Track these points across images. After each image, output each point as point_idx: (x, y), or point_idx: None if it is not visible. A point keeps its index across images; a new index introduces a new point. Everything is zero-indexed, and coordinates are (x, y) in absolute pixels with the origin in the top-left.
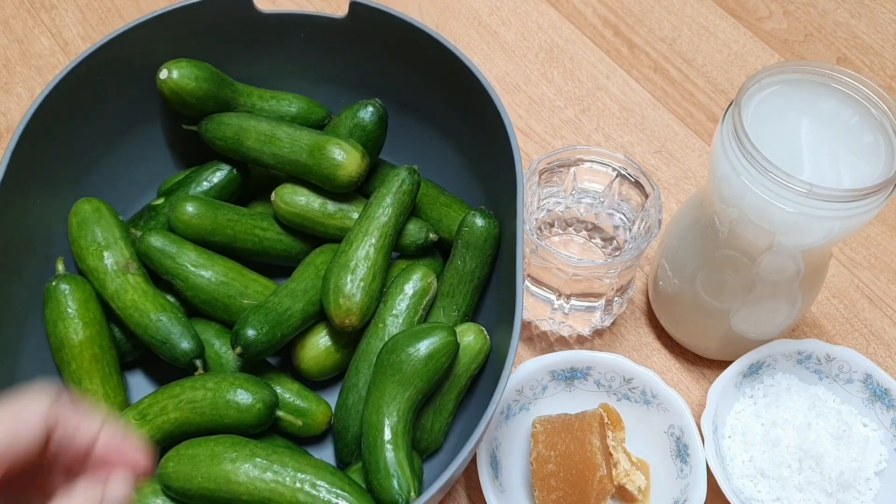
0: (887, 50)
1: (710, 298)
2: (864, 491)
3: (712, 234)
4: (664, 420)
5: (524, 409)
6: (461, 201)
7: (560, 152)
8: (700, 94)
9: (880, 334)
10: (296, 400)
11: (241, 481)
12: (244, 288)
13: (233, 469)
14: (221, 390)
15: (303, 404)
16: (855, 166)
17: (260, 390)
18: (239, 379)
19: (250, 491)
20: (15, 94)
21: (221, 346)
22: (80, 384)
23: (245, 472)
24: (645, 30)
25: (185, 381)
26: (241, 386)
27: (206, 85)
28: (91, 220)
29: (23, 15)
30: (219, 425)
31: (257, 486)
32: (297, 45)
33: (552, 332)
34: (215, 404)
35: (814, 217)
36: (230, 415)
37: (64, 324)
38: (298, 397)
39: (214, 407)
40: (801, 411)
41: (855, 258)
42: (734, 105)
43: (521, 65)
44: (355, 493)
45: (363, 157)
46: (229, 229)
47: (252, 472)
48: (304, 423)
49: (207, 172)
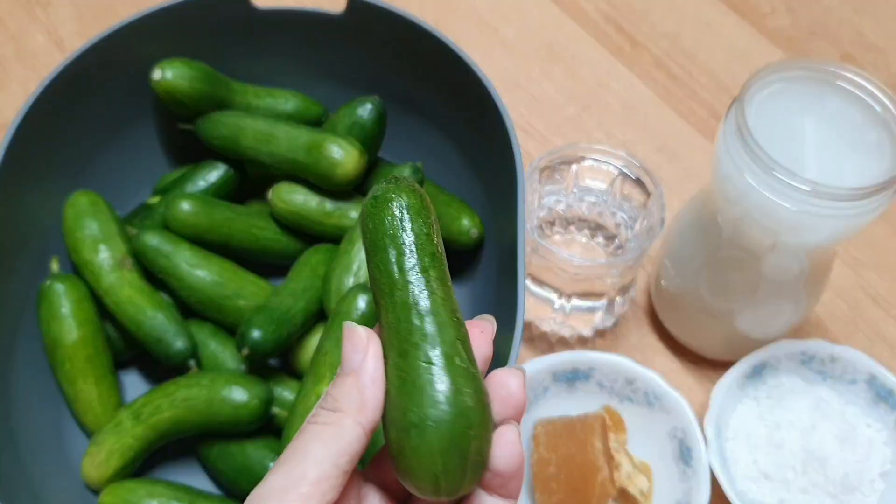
0: (892, 47)
1: (714, 298)
2: (868, 493)
3: (715, 233)
4: (667, 422)
5: (525, 411)
6: (461, 200)
7: (561, 150)
8: (703, 92)
9: (885, 335)
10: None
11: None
12: (240, 288)
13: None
14: (216, 387)
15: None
16: (859, 164)
17: (255, 387)
18: (234, 376)
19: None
20: (9, 91)
21: (216, 347)
22: (73, 384)
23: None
24: (647, 26)
25: (179, 380)
26: (236, 383)
27: (200, 84)
28: (87, 213)
29: (18, 11)
30: (214, 423)
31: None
32: (294, 41)
33: (553, 333)
34: (210, 402)
35: (818, 216)
36: (225, 412)
37: (58, 324)
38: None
39: (209, 404)
40: (805, 413)
41: (859, 258)
42: (737, 102)
43: (521, 62)
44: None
45: (361, 155)
46: (225, 228)
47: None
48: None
49: (204, 171)
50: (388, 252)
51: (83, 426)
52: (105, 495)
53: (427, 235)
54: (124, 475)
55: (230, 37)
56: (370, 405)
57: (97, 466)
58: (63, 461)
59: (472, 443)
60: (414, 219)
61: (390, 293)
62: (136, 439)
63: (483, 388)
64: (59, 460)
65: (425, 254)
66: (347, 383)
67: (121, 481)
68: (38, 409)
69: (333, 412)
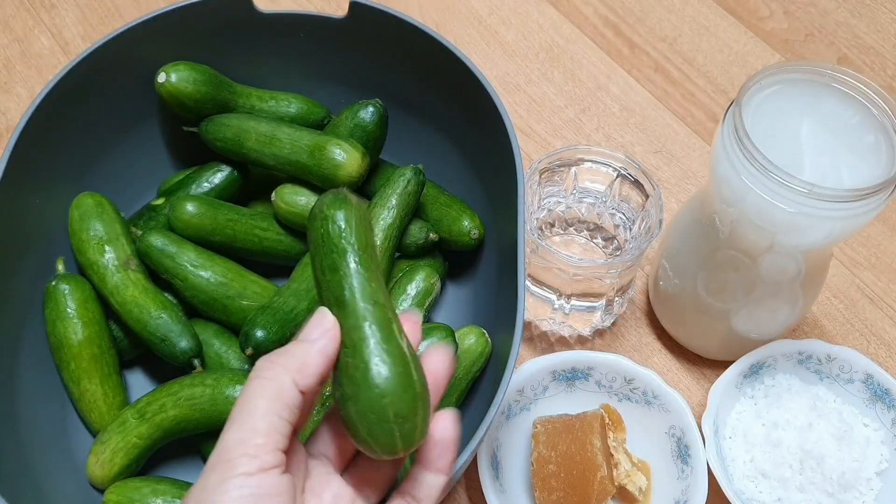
0: (888, 50)
1: (711, 298)
2: (865, 491)
3: (713, 234)
4: (665, 421)
5: (525, 410)
6: (461, 201)
7: (561, 152)
8: (701, 94)
9: (881, 334)
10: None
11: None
12: (243, 289)
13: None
14: (220, 386)
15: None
16: (855, 166)
17: None
18: (238, 375)
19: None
20: (14, 94)
21: (220, 347)
22: (79, 384)
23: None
24: (645, 29)
25: (183, 379)
26: (240, 382)
27: (204, 87)
28: (93, 214)
29: (23, 14)
30: (218, 422)
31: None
32: (296, 44)
33: (552, 333)
34: (214, 400)
35: (814, 217)
36: (229, 411)
37: (63, 323)
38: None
39: (213, 403)
40: (802, 412)
41: (856, 258)
42: (735, 105)
43: (521, 64)
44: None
45: (364, 157)
46: (229, 229)
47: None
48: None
49: (208, 173)
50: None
51: (88, 425)
52: (110, 493)
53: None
54: (129, 473)
55: (234, 40)
56: (310, 371)
57: (102, 465)
58: (68, 460)
59: (417, 406)
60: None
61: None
62: (140, 438)
63: (418, 363)
64: (63, 459)
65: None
66: (299, 348)
67: (125, 479)
68: (44, 408)
69: (275, 366)
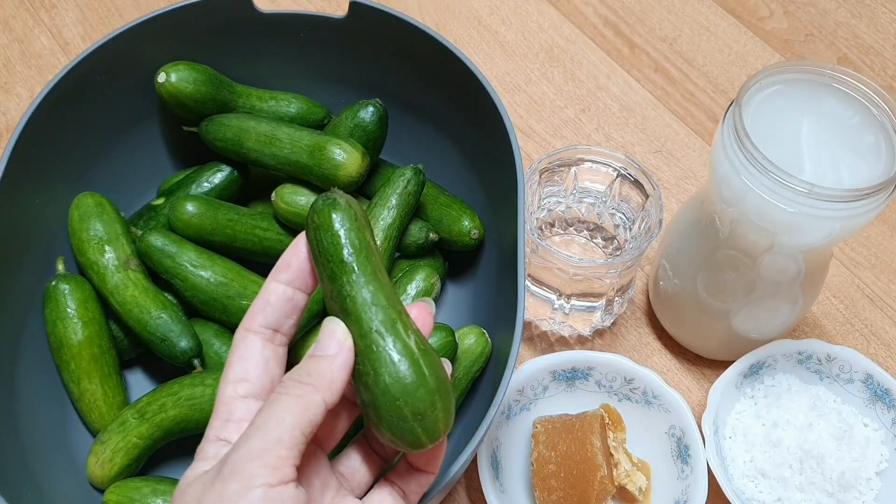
0: (888, 50)
1: (711, 298)
2: (864, 491)
3: (713, 234)
4: (665, 420)
5: (525, 410)
6: (461, 201)
7: (561, 152)
8: (700, 94)
9: (881, 334)
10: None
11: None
12: (243, 289)
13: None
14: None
15: None
16: (855, 166)
17: None
18: None
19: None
20: (14, 94)
21: (221, 347)
22: (79, 384)
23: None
24: (645, 29)
25: (183, 379)
26: None
27: (204, 87)
28: (93, 214)
29: (23, 14)
30: None
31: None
32: (296, 44)
33: (552, 332)
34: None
35: (814, 217)
36: None
37: (63, 323)
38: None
39: (213, 403)
40: (802, 412)
41: (855, 258)
42: (734, 105)
43: (521, 64)
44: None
45: (364, 157)
46: (229, 229)
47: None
48: None
49: (208, 173)
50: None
51: (88, 425)
52: (109, 493)
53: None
54: (129, 473)
55: (234, 40)
56: (336, 388)
57: (102, 465)
58: (68, 460)
59: (441, 397)
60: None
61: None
62: (140, 438)
63: (430, 356)
64: (63, 459)
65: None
66: (321, 364)
67: (125, 479)
68: (44, 408)
69: (305, 385)
